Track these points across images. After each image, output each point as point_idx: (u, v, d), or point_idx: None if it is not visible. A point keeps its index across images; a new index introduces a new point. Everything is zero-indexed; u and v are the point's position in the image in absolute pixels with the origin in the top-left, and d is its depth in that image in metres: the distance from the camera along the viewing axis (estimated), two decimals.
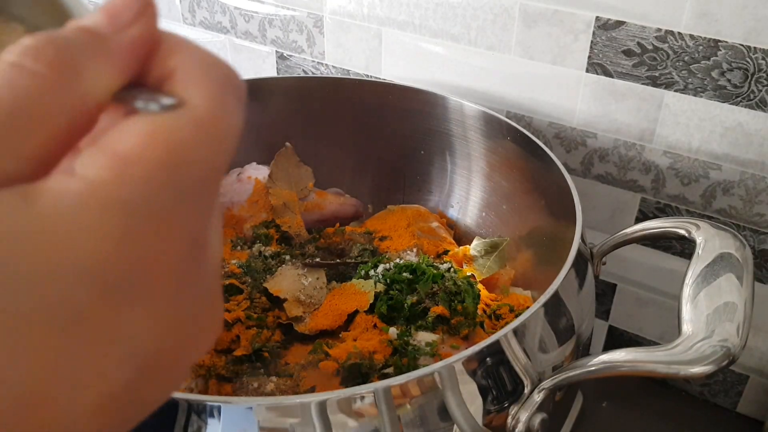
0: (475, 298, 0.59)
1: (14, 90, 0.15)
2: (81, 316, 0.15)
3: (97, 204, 0.15)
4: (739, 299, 0.44)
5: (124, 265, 0.15)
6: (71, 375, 0.15)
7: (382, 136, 0.75)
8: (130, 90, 0.17)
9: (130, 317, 0.16)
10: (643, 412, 0.70)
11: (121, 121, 0.16)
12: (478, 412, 0.42)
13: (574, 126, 0.67)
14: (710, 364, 0.40)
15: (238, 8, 0.83)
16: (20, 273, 0.14)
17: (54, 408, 0.15)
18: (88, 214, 0.15)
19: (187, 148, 0.16)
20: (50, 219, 0.15)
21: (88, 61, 0.16)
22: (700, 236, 0.50)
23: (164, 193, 0.16)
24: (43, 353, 0.15)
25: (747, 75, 0.57)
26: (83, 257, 0.15)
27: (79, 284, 0.15)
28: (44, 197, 0.15)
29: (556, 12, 0.63)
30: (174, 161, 0.16)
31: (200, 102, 0.17)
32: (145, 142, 0.16)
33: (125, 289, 0.16)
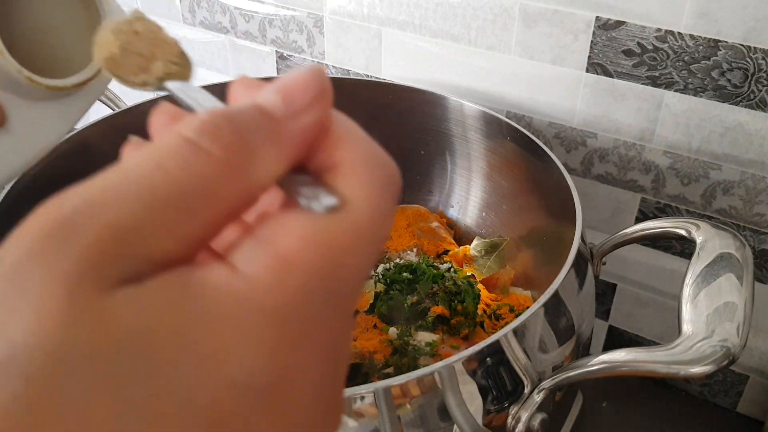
0: (475, 298, 0.59)
1: (188, 170, 0.15)
2: (222, 423, 0.14)
3: (257, 309, 0.15)
4: (739, 299, 0.44)
5: (272, 376, 0.15)
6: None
7: (382, 136, 0.74)
8: (292, 176, 0.17)
9: (267, 425, 0.15)
10: (643, 412, 0.70)
11: (282, 215, 0.16)
12: (478, 412, 0.42)
13: (574, 126, 0.67)
14: (710, 364, 0.40)
15: (238, 8, 0.83)
16: (171, 375, 0.14)
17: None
18: (246, 318, 0.15)
19: (344, 254, 0.16)
20: (210, 318, 0.14)
21: (262, 146, 0.16)
22: (700, 236, 0.50)
23: (317, 301, 0.15)
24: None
25: (747, 75, 0.57)
26: (236, 365, 0.14)
27: (227, 392, 0.14)
28: (206, 293, 0.14)
29: (556, 12, 0.63)
30: (330, 268, 0.15)
31: (362, 205, 0.16)
32: (307, 246, 0.15)
33: (270, 398, 0.15)
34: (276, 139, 0.16)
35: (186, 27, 0.88)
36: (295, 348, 0.15)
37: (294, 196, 0.16)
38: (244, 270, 0.15)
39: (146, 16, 0.24)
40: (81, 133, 0.63)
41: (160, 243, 0.15)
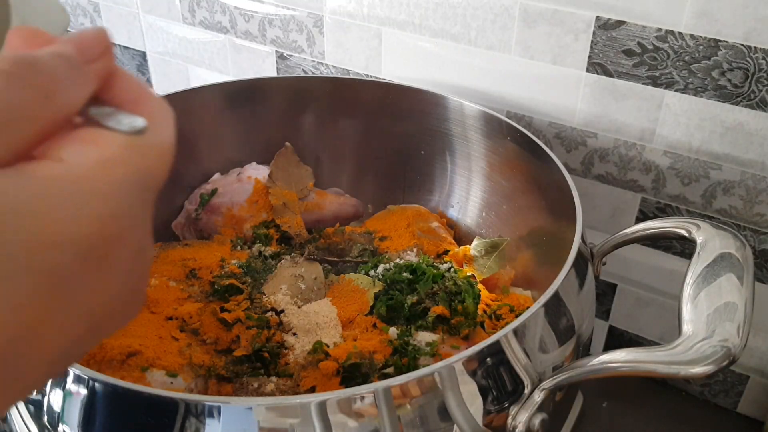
0: (475, 298, 0.58)
1: (8, 92, 0.19)
2: (62, 278, 0.18)
3: (89, 188, 0.19)
4: (740, 299, 0.44)
5: (101, 242, 0.19)
6: (47, 326, 0.18)
7: (382, 136, 0.75)
8: (96, 108, 0.22)
9: (96, 282, 0.20)
10: (644, 413, 0.70)
11: (102, 129, 0.21)
12: (478, 412, 0.42)
13: (575, 126, 0.67)
14: (710, 364, 0.40)
15: (238, 8, 0.83)
16: (19, 240, 0.17)
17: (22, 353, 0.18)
18: (82, 195, 0.19)
19: (152, 163, 0.21)
20: (46, 196, 0.18)
21: (64, 80, 0.20)
22: (700, 236, 0.50)
23: (133, 192, 0.21)
24: (28, 307, 0.18)
25: (747, 75, 0.57)
26: (74, 231, 0.18)
27: (66, 252, 0.18)
28: (40, 177, 0.18)
29: (556, 12, 0.63)
30: (145, 171, 0.21)
31: (159, 133, 0.22)
32: (128, 153, 0.21)
33: (98, 261, 0.20)
34: (75, 76, 0.21)
35: (186, 27, 0.88)
36: (118, 223, 0.20)
37: (100, 121, 0.21)
38: (74, 160, 0.19)
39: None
40: None
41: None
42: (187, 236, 0.72)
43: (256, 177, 0.72)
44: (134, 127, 0.21)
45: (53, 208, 0.18)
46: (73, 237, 0.18)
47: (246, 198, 0.71)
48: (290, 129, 0.75)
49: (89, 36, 0.22)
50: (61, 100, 0.20)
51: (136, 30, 0.93)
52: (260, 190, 0.71)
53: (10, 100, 0.18)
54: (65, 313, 0.19)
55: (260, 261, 0.65)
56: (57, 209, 0.18)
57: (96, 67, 0.22)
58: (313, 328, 0.56)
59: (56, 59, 0.20)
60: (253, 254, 0.66)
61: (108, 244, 0.20)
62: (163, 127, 0.23)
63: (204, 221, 0.71)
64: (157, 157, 0.22)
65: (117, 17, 0.93)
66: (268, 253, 0.66)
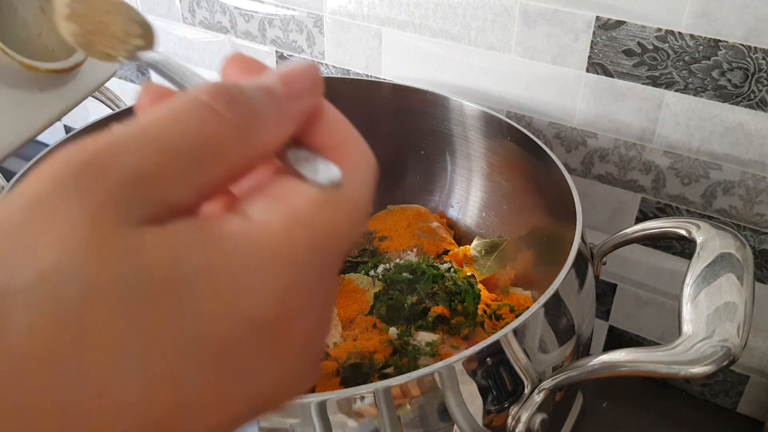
0: (475, 298, 0.58)
1: (203, 127, 0.17)
2: (230, 356, 0.16)
3: (272, 255, 0.17)
4: (740, 299, 0.44)
5: (278, 319, 0.17)
6: (207, 403, 0.16)
7: (382, 136, 0.75)
8: (293, 150, 0.19)
9: (265, 363, 0.17)
10: (644, 413, 0.70)
11: (292, 179, 0.18)
12: (478, 412, 0.42)
13: (575, 126, 0.67)
14: (710, 364, 0.40)
15: (238, 8, 0.83)
16: (190, 311, 0.15)
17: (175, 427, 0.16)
18: (262, 262, 0.16)
19: (345, 222, 0.18)
20: (229, 259, 0.16)
21: (266, 117, 0.18)
22: (700, 236, 0.49)
23: (320, 258, 0.18)
24: (188, 382, 0.16)
25: (747, 75, 0.57)
26: (249, 304, 0.16)
27: (238, 328, 0.16)
28: (225, 236, 0.16)
29: (557, 12, 0.63)
30: (333, 232, 0.18)
31: (356, 182, 0.19)
32: (318, 208, 0.18)
33: (272, 339, 0.17)
34: (277, 114, 0.19)
35: (186, 27, 0.88)
36: (299, 295, 0.17)
37: (295, 167, 0.19)
38: (259, 219, 0.17)
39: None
40: (80, 133, 0.63)
41: (175, 189, 0.16)
42: None
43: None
44: (331, 179, 0.18)
45: (232, 276, 0.16)
46: (248, 311, 0.16)
47: None
48: None
49: (298, 70, 0.20)
50: (259, 139, 0.18)
51: None
52: None
53: (203, 134, 0.17)
54: (227, 392, 0.17)
55: None
56: (235, 278, 0.16)
57: (301, 104, 0.20)
58: None
59: (260, 93, 0.18)
60: None
61: (286, 321, 0.17)
62: (363, 179, 0.20)
63: None
64: (351, 215, 0.19)
65: None
66: None
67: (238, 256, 0.16)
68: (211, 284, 0.16)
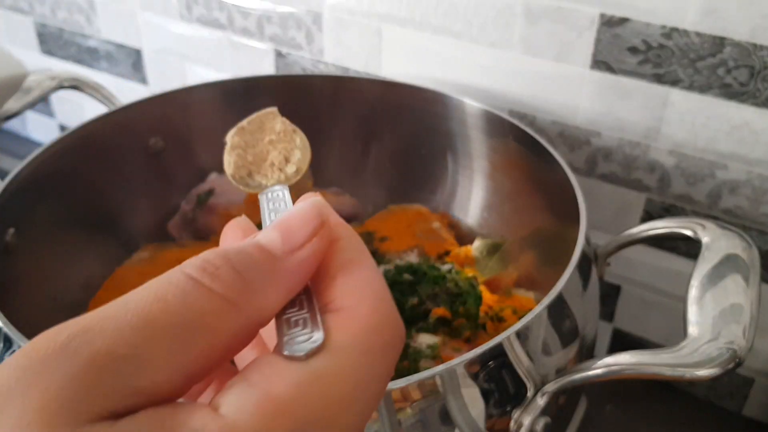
0: (477, 300, 0.58)
1: (187, 305, 0.15)
2: None
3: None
4: (746, 301, 0.44)
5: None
6: None
7: (382, 135, 0.74)
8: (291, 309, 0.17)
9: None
10: (648, 416, 0.70)
11: (272, 355, 0.16)
12: (480, 416, 0.41)
13: (578, 124, 0.66)
14: (716, 366, 0.40)
15: (236, 5, 0.82)
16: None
17: None
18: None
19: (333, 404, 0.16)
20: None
21: (261, 282, 0.16)
22: (706, 236, 0.49)
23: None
24: None
25: (753, 73, 0.56)
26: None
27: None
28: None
29: (560, 8, 0.62)
30: (321, 416, 0.15)
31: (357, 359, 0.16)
32: (297, 395, 0.15)
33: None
34: (274, 276, 0.17)
35: (183, 23, 0.88)
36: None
37: (282, 332, 0.17)
38: (226, 415, 0.15)
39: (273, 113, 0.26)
40: (76, 132, 0.62)
41: (153, 374, 0.15)
42: (183, 237, 0.71)
43: None
44: (308, 349, 0.16)
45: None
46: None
47: (243, 198, 0.71)
48: None
49: (298, 216, 0.18)
50: (253, 307, 0.16)
51: (132, 27, 0.92)
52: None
53: (186, 310, 0.15)
54: None
55: None
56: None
57: (304, 255, 0.17)
58: None
59: (254, 255, 0.17)
60: None
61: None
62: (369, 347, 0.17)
63: (200, 222, 0.70)
64: (345, 392, 0.16)
65: (113, 14, 0.93)
66: None
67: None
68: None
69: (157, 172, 0.70)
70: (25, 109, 0.68)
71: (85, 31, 0.97)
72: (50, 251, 0.61)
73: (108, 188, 0.67)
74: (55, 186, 0.61)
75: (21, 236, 0.56)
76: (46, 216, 0.60)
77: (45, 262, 0.60)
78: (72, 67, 1.01)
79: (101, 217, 0.67)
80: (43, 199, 0.60)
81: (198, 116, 0.72)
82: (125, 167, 0.68)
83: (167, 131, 0.70)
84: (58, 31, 0.99)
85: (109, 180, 0.67)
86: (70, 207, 0.63)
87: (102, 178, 0.66)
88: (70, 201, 0.63)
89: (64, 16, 0.97)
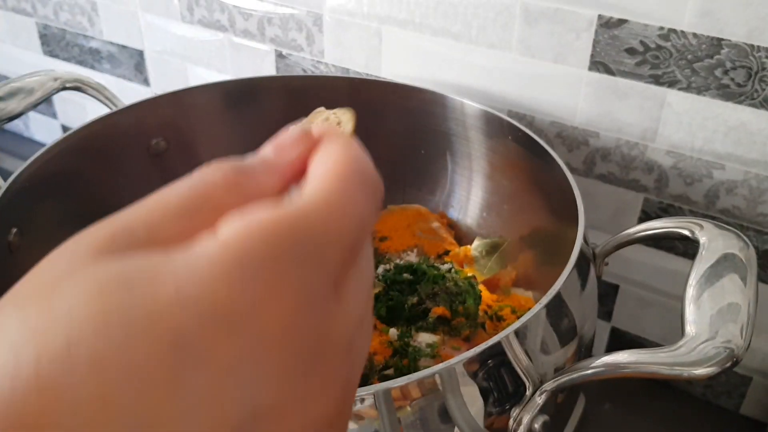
0: (476, 299, 0.58)
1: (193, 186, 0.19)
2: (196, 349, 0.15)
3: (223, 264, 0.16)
4: (743, 300, 0.44)
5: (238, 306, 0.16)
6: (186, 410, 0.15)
7: (382, 136, 0.75)
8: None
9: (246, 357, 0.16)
10: (646, 414, 0.70)
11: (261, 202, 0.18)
12: (479, 414, 0.41)
13: (576, 125, 0.67)
14: (714, 365, 0.40)
15: (237, 6, 0.82)
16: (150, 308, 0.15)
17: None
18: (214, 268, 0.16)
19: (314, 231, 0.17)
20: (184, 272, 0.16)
21: (256, 174, 0.19)
22: (703, 236, 0.49)
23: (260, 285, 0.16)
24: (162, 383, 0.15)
25: (750, 74, 0.57)
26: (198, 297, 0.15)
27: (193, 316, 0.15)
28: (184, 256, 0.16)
29: (558, 10, 0.63)
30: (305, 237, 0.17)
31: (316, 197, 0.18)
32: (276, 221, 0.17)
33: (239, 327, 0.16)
34: (267, 170, 0.20)
35: (184, 25, 0.88)
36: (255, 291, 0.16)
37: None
38: (221, 237, 0.17)
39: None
40: (78, 133, 0.63)
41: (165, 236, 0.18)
42: None
43: None
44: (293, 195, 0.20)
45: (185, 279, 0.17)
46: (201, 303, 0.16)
47: None
48: None
49: (286, 135, 0.22)
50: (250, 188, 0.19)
51: (134, 28, 0.93)
52: None
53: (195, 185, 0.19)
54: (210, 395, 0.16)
55: None
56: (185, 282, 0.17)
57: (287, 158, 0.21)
58: None
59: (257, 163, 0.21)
60: None
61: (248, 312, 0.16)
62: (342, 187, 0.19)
63: None
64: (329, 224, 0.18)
65: (115, 16, 0.93)
66: None
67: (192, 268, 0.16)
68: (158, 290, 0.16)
69: (159, 172, 0.71)
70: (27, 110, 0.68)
71: (88, 33, 0.97)
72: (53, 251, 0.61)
73: (110, 188, 0.67)
74: (57, 186, 0.61)
75: (23, 236, 0.57)
76: (49, 216, 0.60)
77: None
78: (74, 68, 1.01)
79: (103, 217, 0.67)
80: (45, 199, 0.60)
81: (199, 117, 0.72)
82: (127, 168, 0.69)
83: (169, 132, 0.71)
84: (60, 33, 1.00)
85: (111, 180, 0.67)
86: (73, 207, 0.63)
87: (104, 178, 0.67)
88: (73, 201, 0.63)
89: (66, 17, 0.97)
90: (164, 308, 0.15)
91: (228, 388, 0.15)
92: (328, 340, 0.18)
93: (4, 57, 1.09)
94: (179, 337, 0.15)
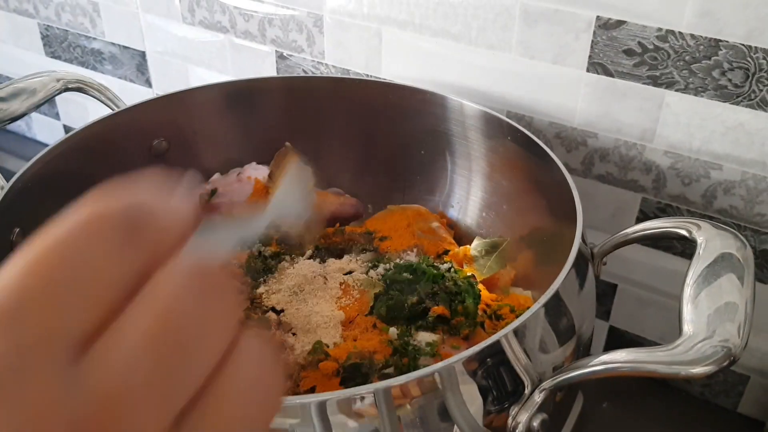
0: (475, 299, 0.58)
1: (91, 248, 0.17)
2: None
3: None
4: (740, 299, 0.44)
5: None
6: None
7: (382, 136, 0.75)
8: None
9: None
10: (644, 413, 0.70)
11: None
12: (479, 412, 0.42)
13: (575, 126, 0.67)
14: (711, 364, 0.40)
15: (238, 8, 0.82)
16: None
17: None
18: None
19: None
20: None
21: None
22: (701, 236, 0.49)
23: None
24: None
25: (748, 75, 0.57)
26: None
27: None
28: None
29: (557, 11, 0.63)
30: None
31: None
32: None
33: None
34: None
35: (185, 26, 0.88)
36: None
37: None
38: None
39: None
40: (80, 133, 0.63)
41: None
42: None
43: (256, 177, 0.72)
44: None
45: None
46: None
47: (246, 198, 0.71)
48: (290, 129, 0.75)
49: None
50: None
51: (135, 29, 0.93)
52: (260, 190, 0.71)
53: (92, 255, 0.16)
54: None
55: (260, 261, 0.65)
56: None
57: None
58: (312, 328, 0.56)
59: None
60: (253, 254, 0.66)
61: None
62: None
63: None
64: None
65: (117, 17, 0.93)
66: (268, 253, 0.66)
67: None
68: None
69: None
70: (30, 110, 0.69)
71: (89, 34, 0.97)
72: None
73: None
74: (59, 186, 0.61)
75: (26, 236, 0.57)
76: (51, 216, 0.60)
77: None
78: (76, 69, 1.02)
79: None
80: (47, 199, 0.60)
81: (201, 118, 0.72)
82: (129, 168, 0.69)
83: (170, 133, 0.71)
84: (62, 34, 1.00)
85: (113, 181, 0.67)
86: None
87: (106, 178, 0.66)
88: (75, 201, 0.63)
89: (68, 18, 0.98)
90: None
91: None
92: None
93: (6, 58, 1.09)
94: None
